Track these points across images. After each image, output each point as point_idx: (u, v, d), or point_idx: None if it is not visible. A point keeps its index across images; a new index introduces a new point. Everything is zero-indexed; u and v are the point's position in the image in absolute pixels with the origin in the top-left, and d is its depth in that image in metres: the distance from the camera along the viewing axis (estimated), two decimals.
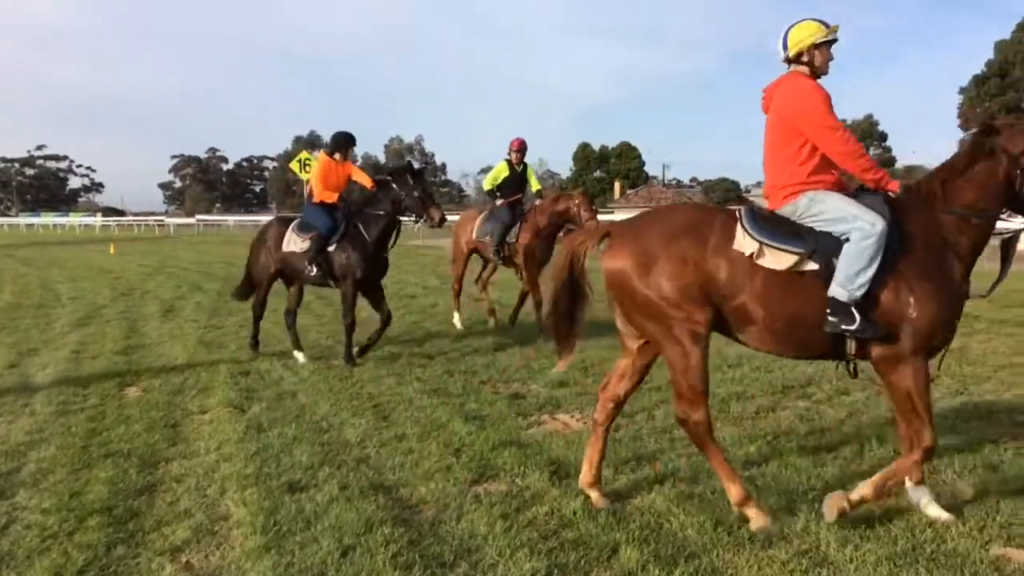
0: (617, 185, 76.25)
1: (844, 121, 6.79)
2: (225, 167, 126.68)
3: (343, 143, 9.11)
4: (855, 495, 4.16)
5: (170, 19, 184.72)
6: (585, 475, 4.59)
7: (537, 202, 10.99)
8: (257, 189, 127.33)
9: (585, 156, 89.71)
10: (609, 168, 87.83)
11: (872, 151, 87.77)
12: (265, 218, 59.96)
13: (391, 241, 8.74)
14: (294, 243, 8.78)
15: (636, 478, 4.92)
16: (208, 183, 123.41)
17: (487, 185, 11.23)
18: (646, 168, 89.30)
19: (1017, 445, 5.34)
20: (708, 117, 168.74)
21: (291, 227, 8.96)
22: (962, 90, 71.70)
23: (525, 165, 11.17)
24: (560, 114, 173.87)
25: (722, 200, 62.70)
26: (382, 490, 4.80)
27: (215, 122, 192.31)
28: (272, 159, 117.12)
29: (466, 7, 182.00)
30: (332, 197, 8.81)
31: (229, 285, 16.91)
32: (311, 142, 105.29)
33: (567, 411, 6.53)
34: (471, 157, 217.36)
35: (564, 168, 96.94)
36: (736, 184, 73.74)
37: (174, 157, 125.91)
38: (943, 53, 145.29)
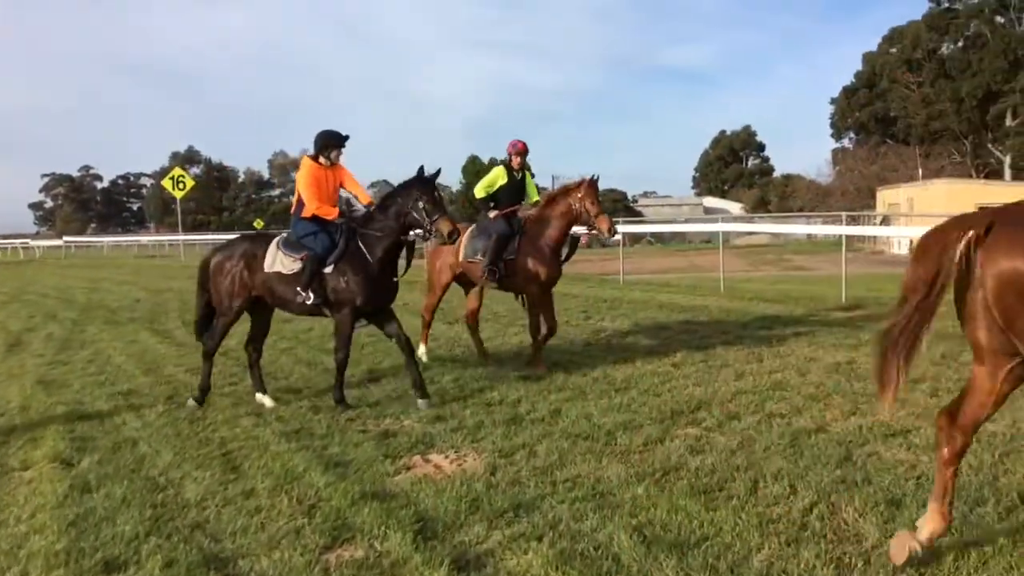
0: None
1: (724, 131, 6.54)
2: (100, 185, 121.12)
3: (329, 143, 7.67)
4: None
5: (32, 35, 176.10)
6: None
7: (530, 211, 9.37)
8: (134, 207, 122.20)
9: (475, 169, 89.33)
10: None
11: (752, 161, 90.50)
12: (145, 238, 57.18)
13: (404, 263, 7.88)
14: (281, 263, 7.52)
15: (512, 533, 4.36)
16: (81, 203, 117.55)
17: (480, 193, 9.43)
18: (536, 180, 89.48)
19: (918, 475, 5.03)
20: (597, 128, 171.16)
21: (274, 244, 7.64)
22: (833, 100, 74.67)
23: (524, 172, 9.53)
24: (448, 127, 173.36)
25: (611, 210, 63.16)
26: (216, 564, 4.10)
27: (88, 139, 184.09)
28: (149, 176, 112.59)
29: (348, 19, 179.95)
30: (331, 211, 7.60)
31: (89, 314, 15.81)
32: (189, 158, 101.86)
33: (441, 450, 5.93)
34: (356, 171, 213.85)
35: (454, 181, 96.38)
36: (624, 195, 74.67)
37: (45, 176, 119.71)
38: (815, 66, 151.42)
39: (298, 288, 7.40)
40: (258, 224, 79.90)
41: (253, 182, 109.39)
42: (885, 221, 41.84)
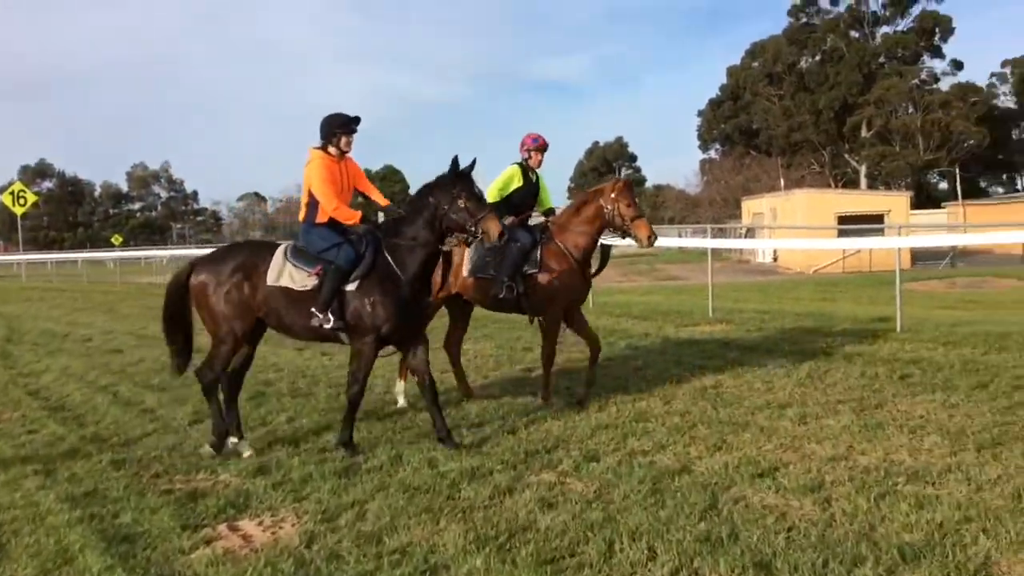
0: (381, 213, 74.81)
1: (597, 142, 6.10)
2: None
3: (337, 128, 6.49)
4: None
5: None
6: None
7: (554, 217, 8.03)
8: None
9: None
10: None
11: (624, 171, 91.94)
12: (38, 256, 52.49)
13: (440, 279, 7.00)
14: (290, 276, 6.34)
15: None
16: None
17: (492, 196, 7.73)
18: (410, 192, 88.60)
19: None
20: (475, 139, 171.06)
21: (281, 254, 6.46)
22: (700, 112, 76.70)
23: (539, 174, 8.20)
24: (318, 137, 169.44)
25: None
26: None
27: None
28: None
29: (220, 23, 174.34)
30: (352, 214, 6.44)
31: None
32: (40, 171, 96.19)
33: (256, 514, 5.07)
34: (226, 185, 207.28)
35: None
36: None
37: None
38: (684, 78, 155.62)
39: (313, 309, 6.24)
40: (116, 240, 75.95)
41: (110, 196, 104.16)
42: (749, 232, 42.87)
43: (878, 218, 37.21)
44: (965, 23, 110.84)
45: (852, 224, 37.34)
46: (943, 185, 70.61)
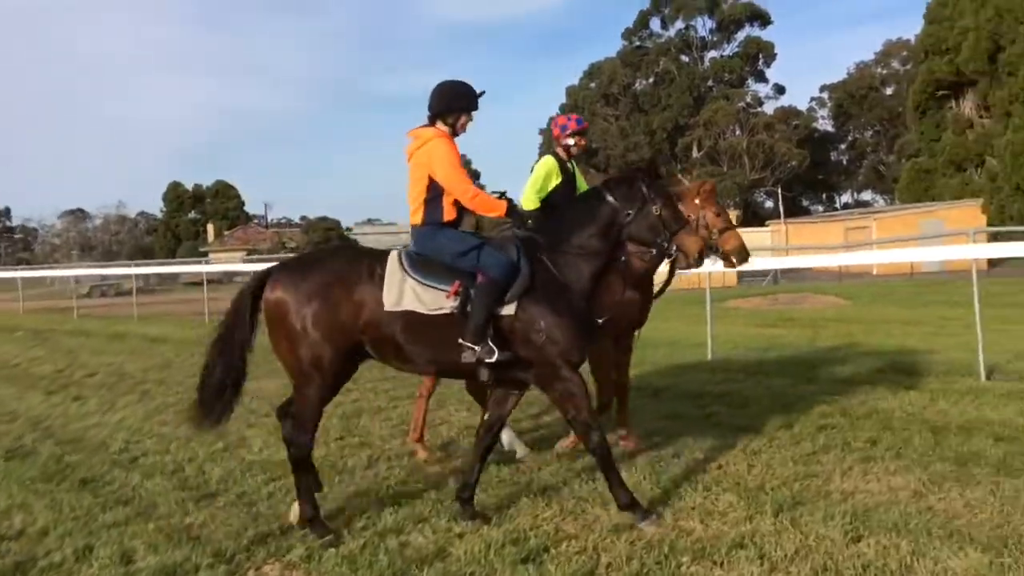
0: (211, 227, 71.45)
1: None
2: None
3: (468, 101, 5.22)
4: None
5: None
6: None
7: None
8: None
9: (177, 196, 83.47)
10: (205, 208, 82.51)
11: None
12: None
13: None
14: (415, 297, 4.88)
15: None
16: None
17: (532, 200, 6.31)
18: (247, 208, 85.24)
19: None
20: (320, 154, 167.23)
21: (395, 265, 4.96)
22: (541, 131, 77.31)
23: (574, 164, 6.66)
24: (148, 151, 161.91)
25: (324, 240, 60.85)
26: None
27: None
28: None
29: (23, 25, 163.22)
30: (496, 204, 5.13)
31: None
32: None
33: None
34: (41, 199, 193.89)
35: (154, 209, 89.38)
36: (338, 223, 72.44)
37: None
38: (526, 97, 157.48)
39: (462, 340, 4.81)
40: None
41: None
42: None
43: None
44: (787, 50, 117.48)
45: None
46: (769, 204, 73.81)
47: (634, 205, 5.04)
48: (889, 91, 69.52)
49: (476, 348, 4.77)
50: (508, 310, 4.86)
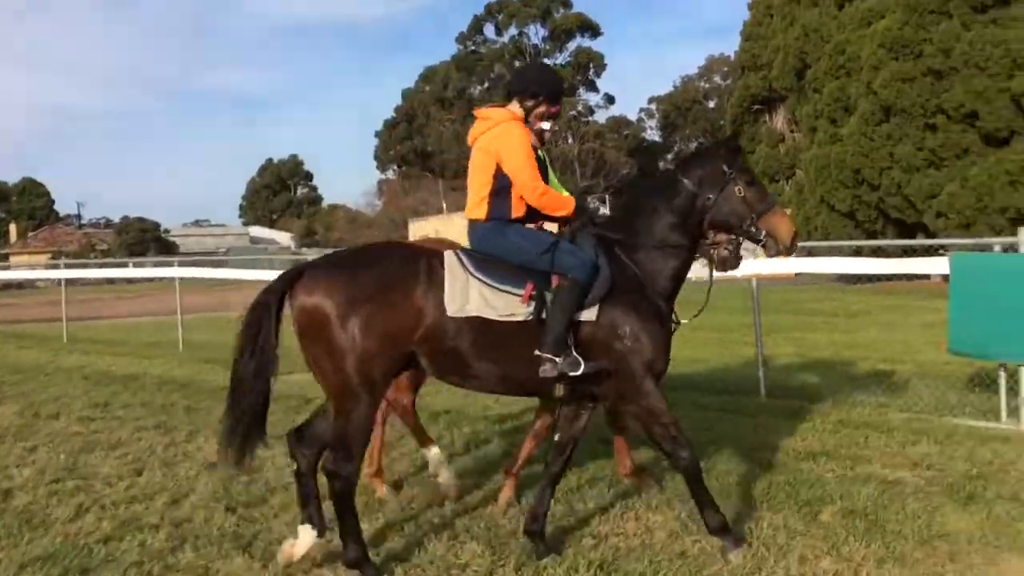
0: (13, 227, 66.15)
1: (271, 159, 4.31)
2: None
3: (553, 87, 4.72)
4: None
5: None
6: None
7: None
8: None
9: None
10: (10, 207, 76.54)
11: (300, 190, 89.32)
12: None
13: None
14: (482, 301, 4.26)
15: None
16: None
17: None
18: (58, 207, 79.65)
19: None
20: (133, 153, 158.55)
21: (457, 266, 4.32)
22: (377, 134, 76.12)
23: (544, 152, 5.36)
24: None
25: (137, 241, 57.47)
26: None
27: None
28: None
29: None
30: (566, 201, 4.65)
31: None
32: None
33: None
34: None
35: None
36: (157, 224, 68.68)
37: None
38: (362, 98, 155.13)
39: (539, 352, 4.23)
40: None
41: None
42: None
43: None
44: (617, 61, 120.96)
45: None
46: (604, 211, 75.33)
47: (715, 187, 4.54)
48: (712, 104, 72.39)
49: (557, 360, 4.21)
50: (588, 315, 4.34)
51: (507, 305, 4.30)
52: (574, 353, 4.27)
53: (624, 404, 4.55)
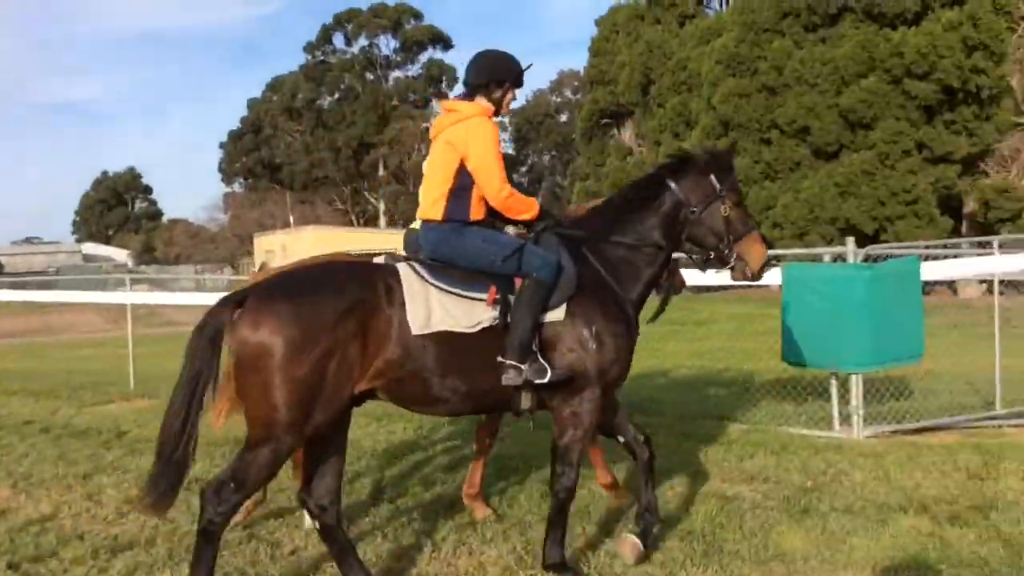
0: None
1: (106, 172, 3.62)
2: None
3: (517, 74, 4.43)
4: None
5: None
6: None
7: (573, 213, 4.83)
8: None
9: None
10: None
11: (139, 205, 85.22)
12: None
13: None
14: (445, 312, 3.92)
15: None
16: None
17: None
18: None
19: None
20: None
21: (412, 278, 3.97)
22: (222, 145, 73.43)
23: None
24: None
25: None
26: None
27: None
28: None
29: None
30: (529, 203, 4.32)
31: None
32: None
33: None
34: None
35: None
36: None
37: None
38: (206, 109, 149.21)
39: (502, 358, 3.95)
40: None
41: None
42: (262, 268, 41.02)
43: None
44: None
45: None
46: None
47: (702, 201, 4.36)
48: (563, 118, 73.59)
49: (522, 367, 3.94)
50: (554, 316, 4.08)
51: (471, 313, 4.00)
52: (540, 359, 4.00)
53: (557, 403, 4.22)
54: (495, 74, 4.38)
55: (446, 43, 66.20)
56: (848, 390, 7.45)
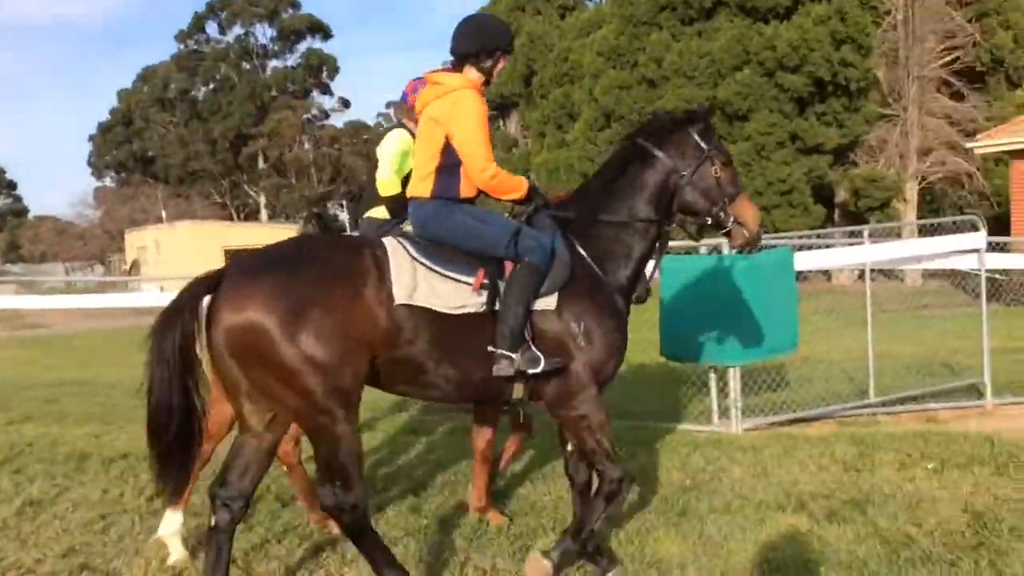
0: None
1: None
2: None
3: (507, 38, 4.15)
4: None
5: None
6: None
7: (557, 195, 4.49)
8: None
9: None
10: None
11: (2, 201, 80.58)
12: None
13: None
14: (430, 290, 3.70)
15: None
16: None
17: (392, 185, 5.14)
18: None
19: None
20: None
21: (399, 251, 3.75)
22: (91, 138, 69.92)
23: None
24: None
25: None
26: None
27: None
28: None
29: None
30: (517, 183, 4.08)
31: None
32: None
33: None
34: None
35: None
36: None
37: None
38: (73, 100, 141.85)
39: (492, 348, 3.71)
40: None
41: None
42: (134, 266, 39.25)
43: None
44: (352, 65, 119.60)
45: None
46: (346, 216, 73.91)
47: (690, 163, 4.09)
48: None
49: (514, 356, 3.73)
50: (546, 304, 3.86)
51: (455, 295, 3.79)
52: (533, 348, 3.77)
53: (558, 408, 4.01)
54: (486, 42, 4.09)
55: (325, 32, 64.59)
56: (727, 383, 7.35)
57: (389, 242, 3.88)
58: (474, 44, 4.09)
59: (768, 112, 27.22)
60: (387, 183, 5.23)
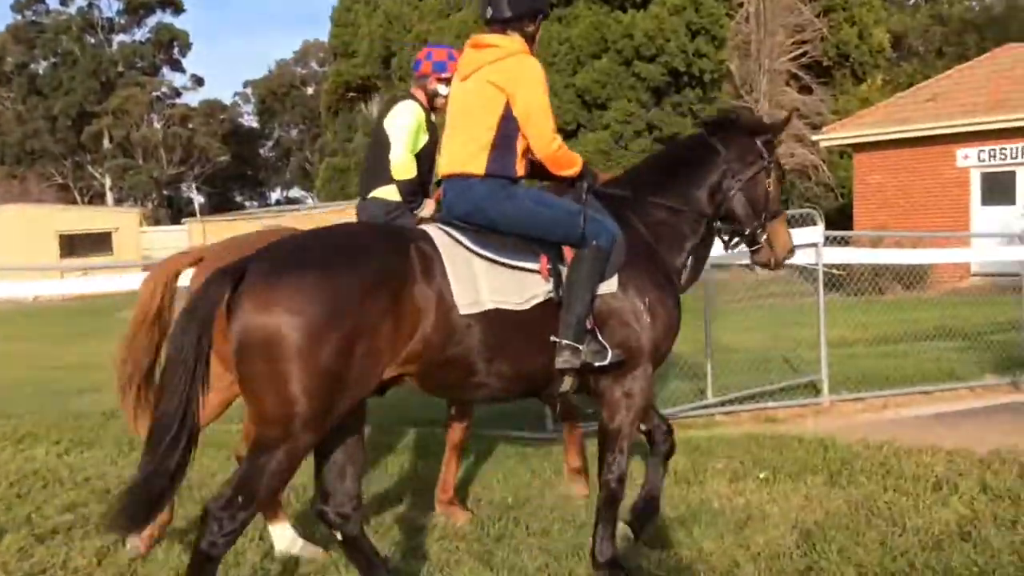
0: None
1: None
2: None
3: (548, 6, 3.98)
4: None
5: None
6: None
7: (609, 179, 4.21)
8: None
9: None
10: None
11: None
12: None
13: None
14: (496, 285, 3.42)
15: None
16: None
17: (409, 167, 4.69)
18: None
19: None
20: None
21: (452, 246, 3.43)
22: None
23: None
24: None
25: None
26: None
27: None
28: None
29: None
30: (574, 158, 3.85)
31: None
32: None
33: None
34: None
35: None
36: None
37: None
38: None
39: (556, 338, 3.47)
40: None
41: None
42: None
43: (106, 236, 34.48)
44: (206, 41, 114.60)
45: (81, 243, 33.79)
46: (201, 200, 70.78)
47: (747, 172, 3.99)
48: (310, 91, 70.92)
49: (580, 347, 3.48)
50: (607, 287, 3.63)
51: (524, 286, 3.52)
52: (599, 338, 3.55)
53: (610, 384, 3.77)
54: (532, 3, 3.77)
55: (176, 7, 61.46)
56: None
57: (437, 235, 3.50)
58: (522, 6, 3.75)
59: (626, 101, 27.29)
60: (402, 165, 4.75)
